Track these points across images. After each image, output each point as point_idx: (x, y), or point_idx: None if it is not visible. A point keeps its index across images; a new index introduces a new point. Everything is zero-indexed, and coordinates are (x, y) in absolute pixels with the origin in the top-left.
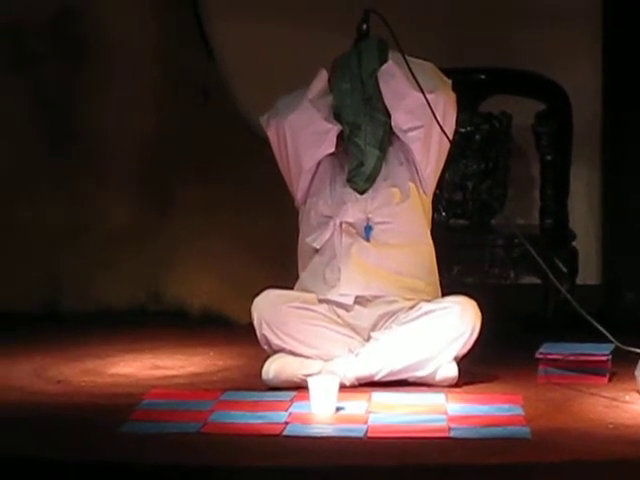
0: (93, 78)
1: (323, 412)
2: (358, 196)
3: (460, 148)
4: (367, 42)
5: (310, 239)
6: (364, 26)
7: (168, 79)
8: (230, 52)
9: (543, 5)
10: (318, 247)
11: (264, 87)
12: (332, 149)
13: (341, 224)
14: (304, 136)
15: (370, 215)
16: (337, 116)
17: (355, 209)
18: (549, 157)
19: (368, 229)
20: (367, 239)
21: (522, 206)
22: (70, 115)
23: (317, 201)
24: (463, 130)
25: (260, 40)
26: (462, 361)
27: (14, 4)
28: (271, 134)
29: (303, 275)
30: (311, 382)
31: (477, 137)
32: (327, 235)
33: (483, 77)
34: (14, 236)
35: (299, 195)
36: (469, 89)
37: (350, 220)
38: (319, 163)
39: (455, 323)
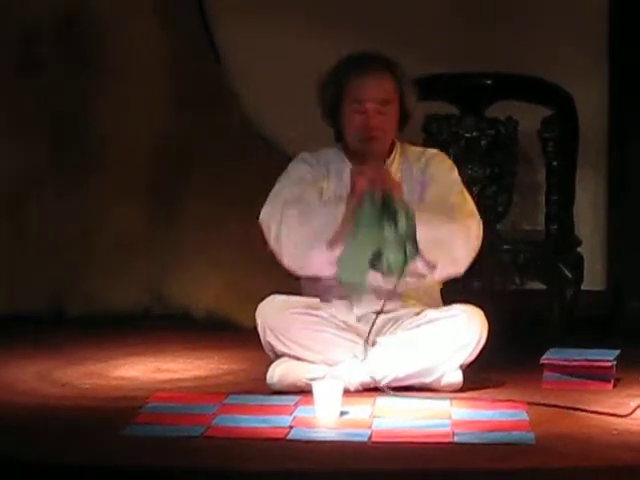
0: (101, 84)
1: (327, 416)
2: None
3: (466, 153)
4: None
5: None
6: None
7: (176, 85)
8: (238, 58)
9: (549, 10)
10: None
11: (272, 93)
12: None
13: None
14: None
15: None
16: None
17: None
18: (555, 163)
19: None
20: None
21: (527, 212)
22: (78, 121)
23: None
24: (469, 135)
25: (267, 46)
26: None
27: (22, 10)
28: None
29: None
30: (315, 386)
31: (483, 142)
32: None
33: (489, 82)
34: (21, 240)
35: None
36: (475, 94)
37: None
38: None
39: (462, 332)
